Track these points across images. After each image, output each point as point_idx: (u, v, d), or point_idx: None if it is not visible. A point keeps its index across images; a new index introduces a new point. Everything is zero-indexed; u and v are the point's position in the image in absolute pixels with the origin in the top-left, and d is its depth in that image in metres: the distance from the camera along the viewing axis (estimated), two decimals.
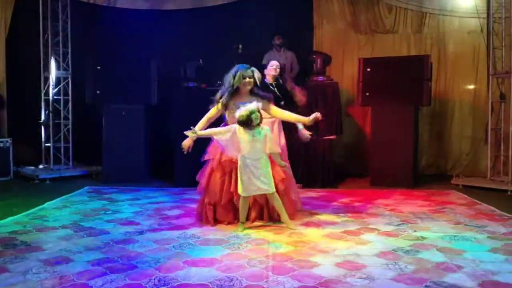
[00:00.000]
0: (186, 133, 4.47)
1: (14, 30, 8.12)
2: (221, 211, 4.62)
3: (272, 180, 4.41)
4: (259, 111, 4.29)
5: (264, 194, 4.49)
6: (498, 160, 7.14)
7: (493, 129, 7.12)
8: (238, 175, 4.41)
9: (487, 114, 7.23)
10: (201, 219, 4.70)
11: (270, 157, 4.46)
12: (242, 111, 4.26)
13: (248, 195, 4.42)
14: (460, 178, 6.99)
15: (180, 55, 7.63)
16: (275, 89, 5.47)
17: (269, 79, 5.59)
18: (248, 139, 4.32)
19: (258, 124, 4.32)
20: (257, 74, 4.62)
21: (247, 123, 4.27)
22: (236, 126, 4.36)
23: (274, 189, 4.42)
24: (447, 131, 8.07)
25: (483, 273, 3.27)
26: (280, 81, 5.65)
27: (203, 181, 4.67)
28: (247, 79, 4.56)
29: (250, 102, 4.35)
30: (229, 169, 4.55)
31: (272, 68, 5.61)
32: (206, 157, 4.69)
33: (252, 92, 4.61)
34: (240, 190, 4.41)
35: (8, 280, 3.13)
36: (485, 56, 7.47)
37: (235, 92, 4.57)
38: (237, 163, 4.43)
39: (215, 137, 4.45)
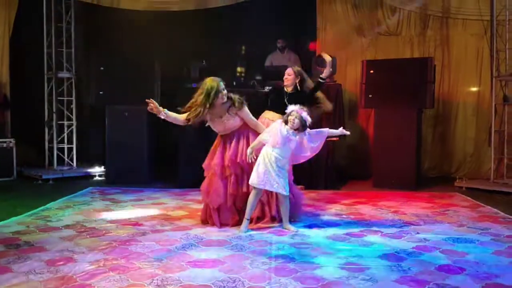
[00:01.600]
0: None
1: (17, 31, 8.16)
2: (226, 214, 4.59)
3: (287, 184, 4.38)
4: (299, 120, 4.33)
5: (268, 192, 4.48)
6: (501, 163, 7.13)
7: (497, 131, 7.11)
8: (255, 166, 4.35)
9: (490, 117, 7.21)
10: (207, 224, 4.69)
11: None
12: (307, 116, 4.31)
13: (261, 187, 4.33)
14: (463, 181, 6.98)
15: (183, 56, 7.65)
16: (290, 98, 5.12)
17: (287, 89, 5.33)
18: (283, 136, 4.30)
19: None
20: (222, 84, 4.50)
21: (286, 120, 4.31)
22: (281, 123, 4.35)
23: (285, 193, 4.37)
24: (451, 133, 8.06)
25: (486, 275, 3.27)
26: (299, 87, 5.28)
27: (204, 188, 4.65)
28: (223, 93, 4.44)
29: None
30: (228, 173, 4.55)
31: (284, 78, 5.32)
32: (204, 167, 4.71)
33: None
34: (253, 180, 4.32)
35: (11, 280, 3.14)
36: (488, 58, 7.45)
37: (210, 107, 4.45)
38: (231, 167, 4.46)
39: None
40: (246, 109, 4.57)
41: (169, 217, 4.99)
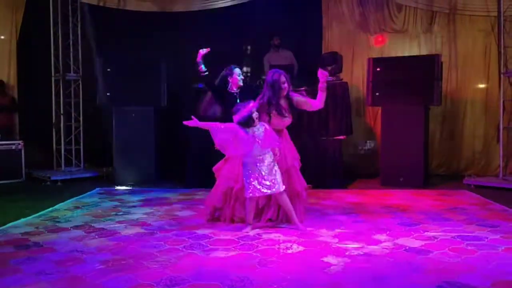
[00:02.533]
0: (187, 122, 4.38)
1: (25, 34, 8.21)
2: (238, 206, 4.63)
3: (280, 179, 4.37)
4: (257, 111, 4.32)
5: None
6: (510, 160, 7.07)
7: (505, 128, 7.06)
8: (244, 177, 4.39)
9: (499, 113, 7.16)
10: (221, 213, 4.74)
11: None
12: (243, 112, 4.27)
13: (253, 196, 4.37)
14: (471, 178, 6.93)
15: (189, 56, 7.64)
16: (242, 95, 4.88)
17: (233, 88, 4.93)
18: (250, 140, 4.29)
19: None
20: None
21: (248, 123, 4.28)
22: (242, 131, 4.30)
23: (282, 189, 4.38)
24: (459, 131, 8.01)
25: (496, 273, 3.24)
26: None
27: (217, 166, 4.69)
28: (284, 86, 4.58)
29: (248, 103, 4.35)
30: None
31: (240, 78, 4.93)
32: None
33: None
34: (245, 191, 4.37)
35: (21, 281, 3.15)
36: (496, 54, 7.40)
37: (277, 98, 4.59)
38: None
39: (213, 133, 4.34)
40: (295, 97, 4.69)
41: (177, 217, 5.00)
